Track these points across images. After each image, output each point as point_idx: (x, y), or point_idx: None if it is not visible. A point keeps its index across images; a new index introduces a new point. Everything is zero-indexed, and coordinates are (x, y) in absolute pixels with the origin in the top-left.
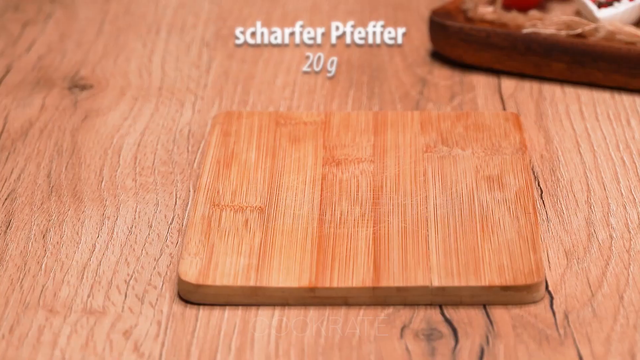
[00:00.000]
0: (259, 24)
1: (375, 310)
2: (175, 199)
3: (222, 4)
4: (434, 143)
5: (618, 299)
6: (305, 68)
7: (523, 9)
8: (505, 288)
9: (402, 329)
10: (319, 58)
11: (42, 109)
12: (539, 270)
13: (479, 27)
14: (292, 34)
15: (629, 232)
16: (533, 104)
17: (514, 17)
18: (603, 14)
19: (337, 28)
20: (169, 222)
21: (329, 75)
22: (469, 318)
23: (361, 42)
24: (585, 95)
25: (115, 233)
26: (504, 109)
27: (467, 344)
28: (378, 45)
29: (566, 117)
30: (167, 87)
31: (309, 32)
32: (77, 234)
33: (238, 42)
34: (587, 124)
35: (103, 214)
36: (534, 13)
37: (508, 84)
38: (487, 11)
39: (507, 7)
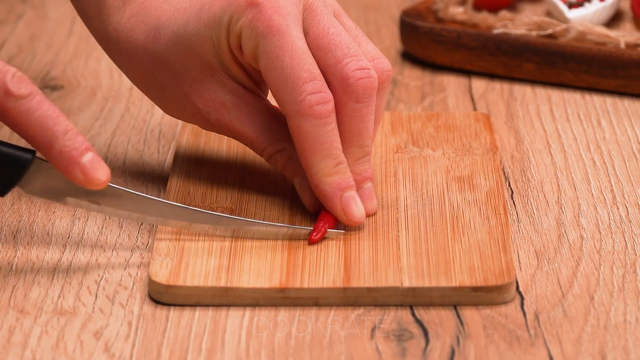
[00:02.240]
0: None
1: (346, 311)
2: None
3: None
4: (404, 144)
5: (588, 300)
6: None
7: (494, 10)
8: (475, 289)
9: (373, 330)
10: None
11: None
12: (510, 271)
13: (450, 27)
14: None
15: (600, 232)
16: (504, 104)
17: (484, 18)
18: (573, 14)
19: None
20: (140, 223)
21: None
22: (439, 318)
23: None
24: (556, 95)
25: (85, 234)
26: (475, 109)
27: (438, 344)
28: None
29: (537, 118)
30: None
31: None
32: (48, 234)
33: None
34: (558, 125)
35: (74, 214)
36: (504, 13)
37: (479, 85)
38: (458, 12)
39: (477, 7)
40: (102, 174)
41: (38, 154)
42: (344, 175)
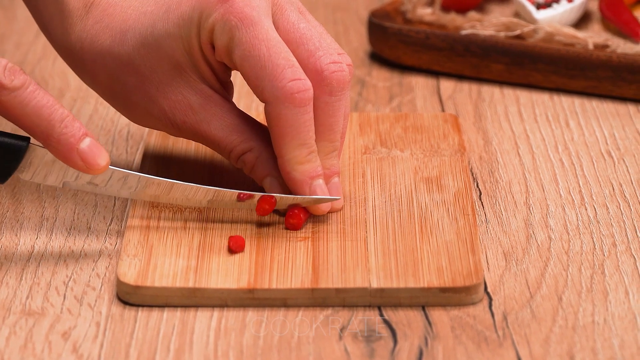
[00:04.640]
0: None
1: (314, 312)
2: (114, 200)
3: None
4: (372, 144)
5: (557, 300)
6: None
7: (462, 11)
8: (444, 290)
9: (341, 331)
10: None
11: None
12: (478, 272)
13: (418, 28)
14: None
15: (568, 233)
16: (472, 105)
17: (452, 19)
18: (542, 15)
19: None
20: (108, 224)
21: None
22: (407, 319)
23: None
24: (524, 96)
25: (53, 234)
26: (443, 110)
27: (406, 345)
28: None
29: (505, 119)
30: None
31: None
32: (16, 235)
33: None
34: (526, 125)
35: (42, 215)
36: (472, 14)
37: (447, 86)
38: (426, 12)
39: (445, 8)
40: (101, 159)
41: (33, 141)
42: (315, 164)
